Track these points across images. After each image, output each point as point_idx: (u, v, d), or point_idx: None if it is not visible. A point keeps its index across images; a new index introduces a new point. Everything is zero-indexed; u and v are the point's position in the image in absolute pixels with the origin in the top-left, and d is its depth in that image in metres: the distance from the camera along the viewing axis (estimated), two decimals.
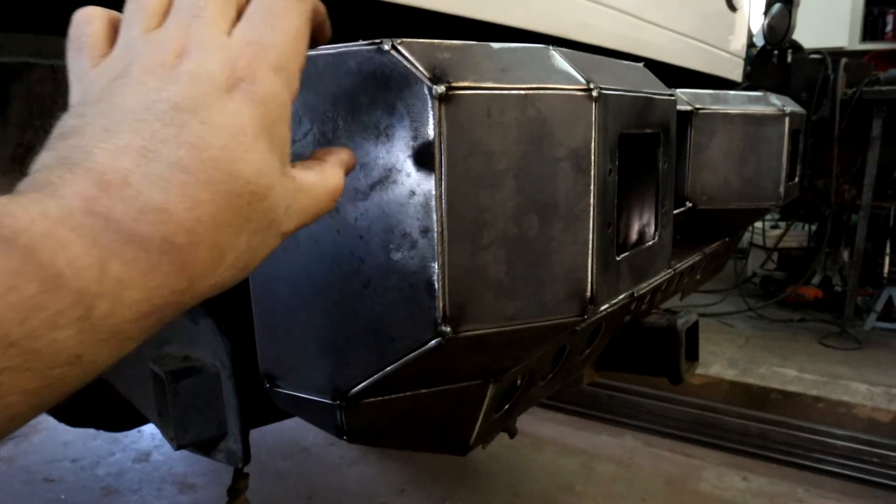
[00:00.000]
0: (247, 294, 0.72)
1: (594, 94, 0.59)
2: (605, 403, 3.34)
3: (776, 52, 4.33)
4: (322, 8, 0.49)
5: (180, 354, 0.81)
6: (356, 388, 0.61)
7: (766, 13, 4.18)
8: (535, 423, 3.19)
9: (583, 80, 0.59)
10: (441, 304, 0.54)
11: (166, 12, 0.44)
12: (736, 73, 2.24)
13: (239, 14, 0.44)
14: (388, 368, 0.59)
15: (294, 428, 3.05)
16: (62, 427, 3.16)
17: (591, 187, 0.60)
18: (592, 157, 0.60)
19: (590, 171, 0.60)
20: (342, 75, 0.56)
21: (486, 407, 0.72)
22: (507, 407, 0.79)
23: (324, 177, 0.47)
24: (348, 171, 0.51)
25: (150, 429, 3.18)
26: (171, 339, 0.83)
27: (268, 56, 0.42)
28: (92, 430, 3.08)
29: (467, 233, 0.54)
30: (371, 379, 0.60)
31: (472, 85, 0.54)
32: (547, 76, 0.58)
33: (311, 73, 0.58)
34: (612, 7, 1.27)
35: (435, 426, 0.72)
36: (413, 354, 0.57)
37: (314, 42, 0.50)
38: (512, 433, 1.12)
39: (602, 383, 3.36)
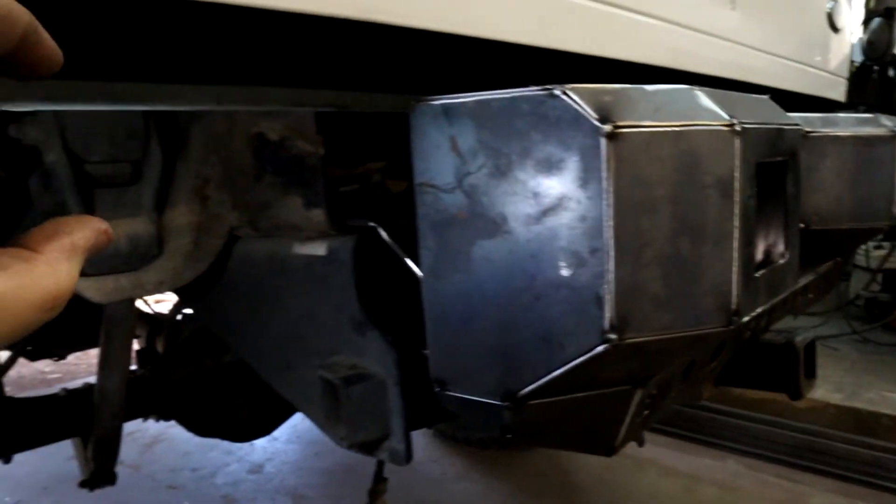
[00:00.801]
0: (411, 309, 0.82)
1: (737, 128, 0.66)
2: (707, 426, 3.32)
3: (877, 67, 4.24)
4: (16, 14, 0.32)
5: (348, 363, 0.92)
6: (524, 391, 0.70)
7: (865, 28, 4.10)
8: (634, 445, 3.19)
9: (726, 117, 0.67)
10: (608, 315, 0.62)
11: None
12: (838, 93, 2.24)
13: None
14: (557, 372, 0.67)
15: None
16: (181, 438, 3.37)
17: (735, 211, 0.67)
18: (736, 185, 0.67)
19: (733, 197, 0.67)
20: (516, 116, 0.65)
21: (631, 411, 0.79)
22: (645, 413, 0.86)
23: (28, 280, 0.32)
24: (97, 250, 0.37)
25: (261, 442, 3.35)
26: (339, 349, 0.93)
27: None
28: (209, 442, 3.27)
29: (631, 252, 0.62)
30: (539, 382, 0.68)
31: (633, 124, 0.62)
32: (695, 113, 0.66)
33: (487, 114, 0.67)
34: (718, 36, 1.33)
35: (587, 427, 0.79)
36: (581, 359, 0.65)
37: (23, 69, 0.35)
38: (641, 442, 1.18)
39: (703, 405, 3.34)
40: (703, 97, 0.69)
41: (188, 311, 2.33)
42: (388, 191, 1.13)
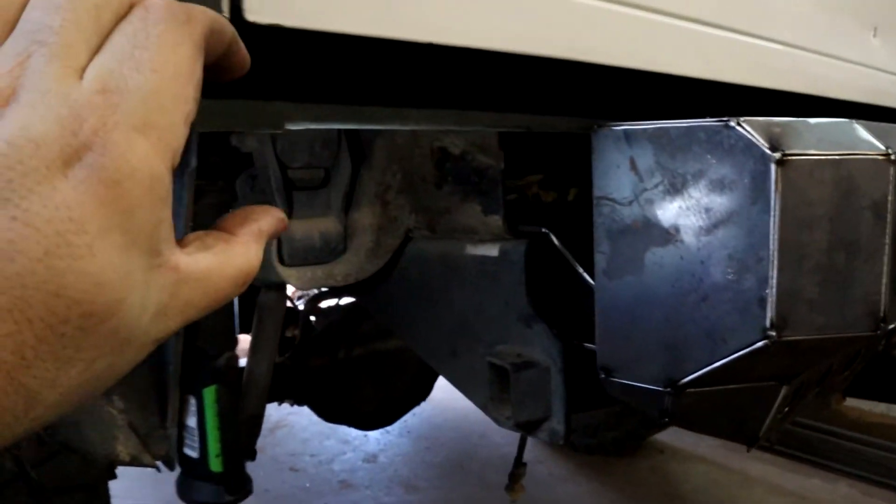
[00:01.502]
0: (574, 305, 0.94)
1: (892, 157, 0.76)
2: (817, 447, 3.28)
3: None
4: (226, 27, 0.37)
5: (513, 352, 1.04)
6: (686, 379, 0.80)
7: None
8: (742, 461, 3.20)
9: (882, 147, 0.76)
10: (770, 314, 0.73)
11: (11, 27, 0.31)
12: None
13: (104, 42, 0.32)
14: (718, 364, 0.77)
15: (506, 445, 3.27)
16: (300, 425, 3.60)
17: (887, 230, 0.76)
18: (889, 207, 0.76)
19: (886, 218, 0.76)
20: (693, 142, 0.76)
21: (776, 406, 0.89)
22: (786, 410, 0.95)
23: (227, 258, 0.37)
24: (274, 237, 0.42)
25: (375, 434, 3.53)
26: (505, 339, 1.06)
27: (129, 110, 0.30)
28: (326, 430, 3.49)
29: (792, 261, 0.72)
30: (701, 372, 0.79)
31: (800, 152, 0.72)
32: (854, 144, 0.76)
33: (665, 139, 0.79)
34: (861, 63, 1.39)
35: (736, 417, 0.89)
36: (742, 353, 0.75)
37: (222, 74, 0.40)
38: (773, 441, 1.26)
39: (815, 426, 3.31)
40: (860, 129, 0.78)
41: (322, 305, 2.52)
42: (542, 201, 1.25)
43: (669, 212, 0.79)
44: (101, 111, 0.29)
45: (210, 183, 1.12)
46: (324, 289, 2.33)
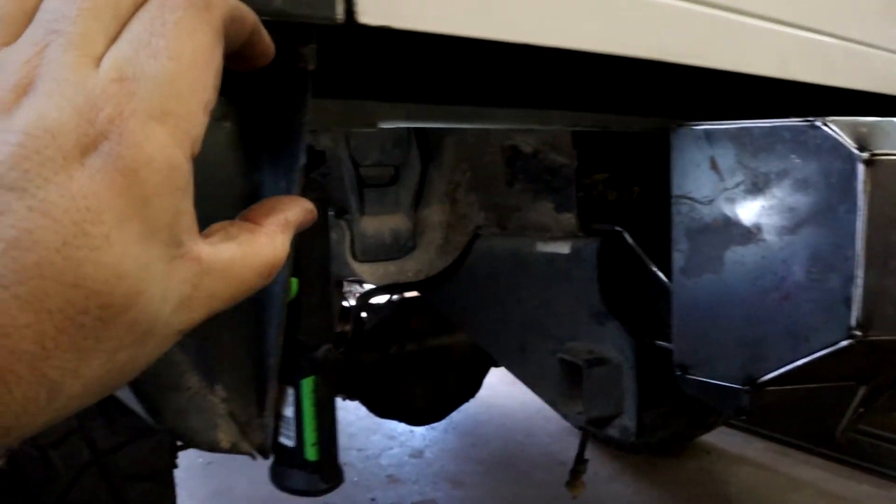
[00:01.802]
0: (645, 303, 0.95)
1: None
2: (868, 452, 3.22)
3: None
4: (248, 15, 0.37)
5: (584, 348, 1.06)
6: (766, 377, 0.81)
7: None
8: (791, 465, 3.17)
9: None
10: (855, 314, 0.73)
11: (30, 17, 0.31)
12: None
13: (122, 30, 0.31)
14: (799, 362, 0.78)
15: (552, 444, 3.28)
16: (346, 420, 3.64)
17: None
18: None
19: None
20: (777, 142, 0.77)
21: (853, 406, 0.89)
22: (861, 411, 0.95)
23: (251, 249, 0.36)
24: (301, 228, 0.41)
25: (420, 430, 3.56)
26: (576, 336, 1.08)
27: (146, 98, 0.30)
28: (371, 426, 3.53)
29: (878, 260, 0.73)
30: (781, 370, 0.80)
31: (887, 152, 0.72)
32: None
33: (747, 139, 0.79)
34: None
35: (813, 416, 0.89)
36: (825, 351, 0.76)
37: (244, 63, 0.39)
38: (846, 441, 1.26)
39: (865, 431, 3.25)
40: None
41: (374, 301, 2.55)
42: (607, 199, 1.26)
43: (751, 211, 0.80)
44: (117, 99, 0.29)
45: (311, 180, 1.16)
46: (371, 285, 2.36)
